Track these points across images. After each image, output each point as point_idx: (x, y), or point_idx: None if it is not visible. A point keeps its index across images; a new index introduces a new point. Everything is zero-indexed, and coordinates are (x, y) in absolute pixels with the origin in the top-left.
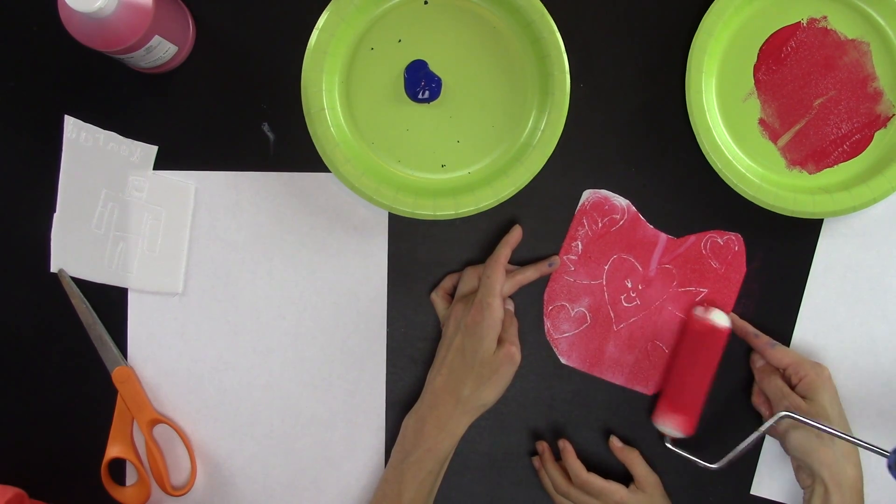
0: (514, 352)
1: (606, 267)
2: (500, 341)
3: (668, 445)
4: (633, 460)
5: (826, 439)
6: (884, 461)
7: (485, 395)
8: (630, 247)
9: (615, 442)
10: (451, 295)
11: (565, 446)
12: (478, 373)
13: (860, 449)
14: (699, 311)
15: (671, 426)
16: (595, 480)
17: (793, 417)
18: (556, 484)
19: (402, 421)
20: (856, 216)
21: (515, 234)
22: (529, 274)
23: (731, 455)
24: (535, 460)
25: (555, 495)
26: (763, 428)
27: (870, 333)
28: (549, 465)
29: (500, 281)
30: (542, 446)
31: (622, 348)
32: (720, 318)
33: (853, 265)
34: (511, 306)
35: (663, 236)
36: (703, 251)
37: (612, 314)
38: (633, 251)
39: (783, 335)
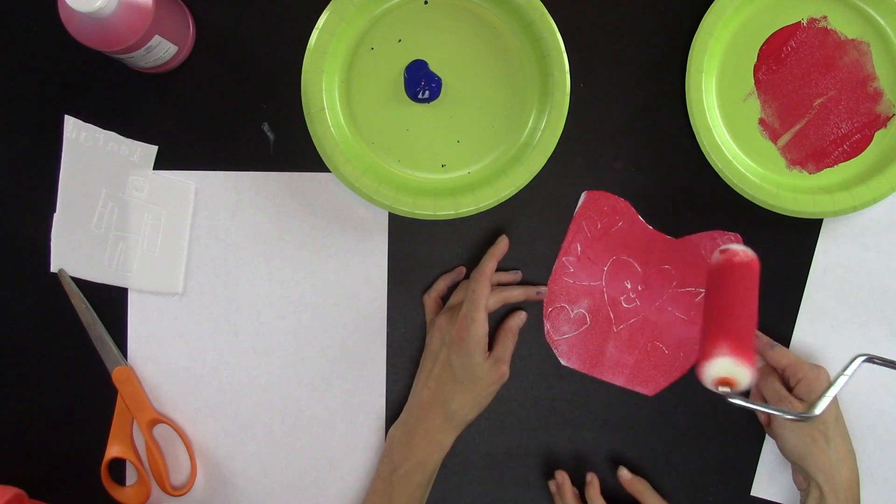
0: (504, 371)
1: (606, 268)
2: (494, 358)
3: (736, 401)
4: (644, 492)
5: (821, 442)
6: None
7: (474, 411)
8: (629, 248)
9: (624, 474)
10: (444, 298)
11: (592, 480)
12: (466, 388)
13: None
14: (717, 254)
15: (738, 370)
16: None
17: (874, 359)
18: None
19: (388, 432)
20: (855, 216)
21: (501, 246)
22: (517, 294)
23: (823, 400)
24: (552, 485)
25: None
26: (849, 372)
27: (869, 335)
28: (568, 497)
29: (485, 295)
30: (562, 477)
31: (622, 349)
32: (743, 251)
33: (853, 266)
34: (522, 320)
35: (662, 237)
36: (703, 252)
37: (611, 315)
38: (633, 252)
39: (782, 336)
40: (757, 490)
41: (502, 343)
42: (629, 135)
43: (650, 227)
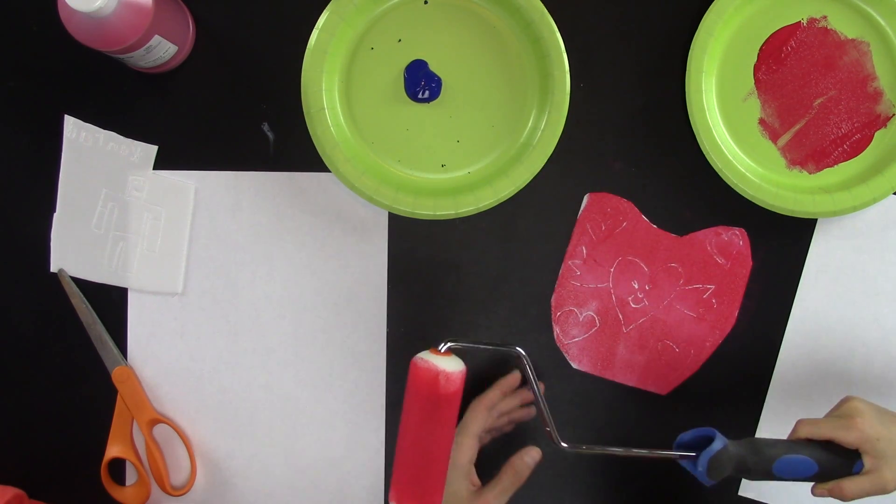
0: None
1: (612, 269)
2: (483, 492)
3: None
4: None
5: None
6: None
7: None
8: (634, 248)
9: None
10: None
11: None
12: None
13: None
14: (425, 356)
15: None
16: None
17: None
18: None
19: None
20: (849, 219)
21: (510, 380)
22: (509, 401)
23: None
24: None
25: None
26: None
27: (861, 337)
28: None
29: (476, 421)
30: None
31: (633, 350)
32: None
33: (846, 268)
34: (533, 459)
35: (667, 235)
36: (708, 248)
37: (620, 316)
38: (638, 252)
39: (773, 337)
40: (744, 490)
41: (498, 477)
42: (629, 135)
43: (654, 227)
